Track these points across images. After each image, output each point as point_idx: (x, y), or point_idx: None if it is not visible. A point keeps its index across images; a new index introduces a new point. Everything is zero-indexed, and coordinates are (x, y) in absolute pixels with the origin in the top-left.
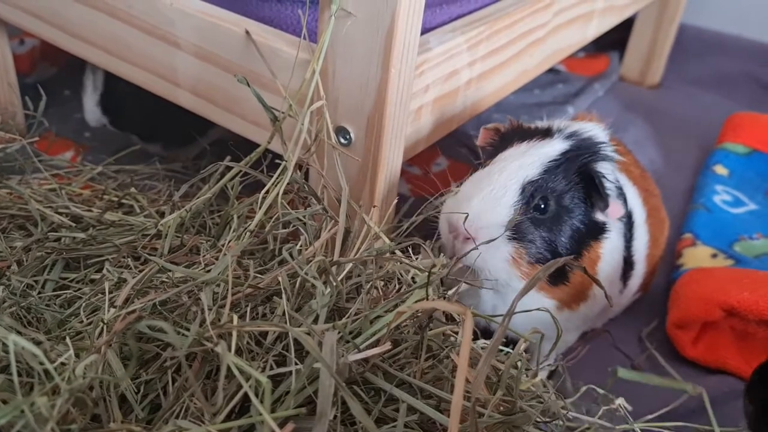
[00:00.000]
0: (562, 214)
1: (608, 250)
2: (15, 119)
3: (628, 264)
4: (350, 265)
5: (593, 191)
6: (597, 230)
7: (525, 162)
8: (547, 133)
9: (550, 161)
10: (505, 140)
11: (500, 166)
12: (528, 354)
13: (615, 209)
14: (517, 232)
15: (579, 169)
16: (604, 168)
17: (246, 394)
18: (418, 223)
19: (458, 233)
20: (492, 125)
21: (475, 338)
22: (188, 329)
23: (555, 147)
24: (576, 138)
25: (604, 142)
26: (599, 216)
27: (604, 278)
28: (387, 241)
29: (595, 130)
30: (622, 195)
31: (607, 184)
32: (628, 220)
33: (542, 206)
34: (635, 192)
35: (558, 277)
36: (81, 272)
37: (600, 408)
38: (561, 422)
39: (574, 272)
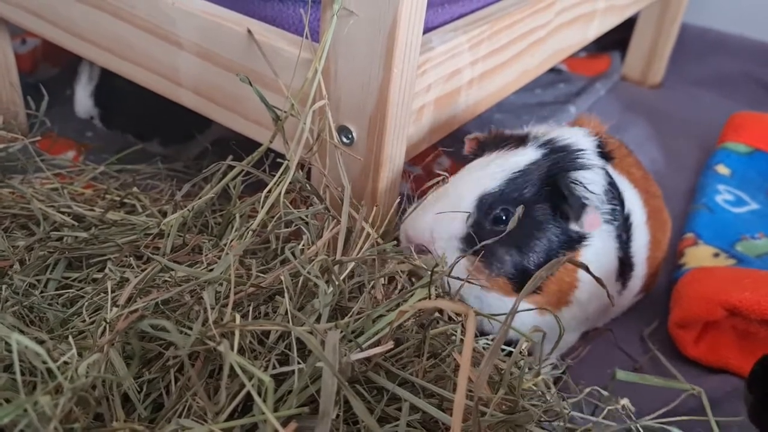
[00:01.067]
0: (529, 226)
1: (593, 257)
2: (17, 119)
3: (627, 265)
4: (352, 264)
5: (564, 203)
6: (573, 241)
7: (485, 173)
8: (522, 141)
9: (515, 171)
10: (482, 149)
11: (459, 177)
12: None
13: (592, 220)
14: (473, 246)
15: (549, 180)
16: (581, 177)
17: (249, 393)
18: None
19: (415, 246)
20: (473, 135)
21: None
22: (191, 328)
23: (524, 157)
24: (550, 146)
25: (582, 150)
26: (575, 227)
27: (588, 282)
28: (381, 240)
29: (576, 137)
30: (615, 197)
31: (584, 194)
32: (625, 222)
33: (503, 218)
34: (636, 194)
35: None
36: (83, 271)
37: (602, 408)
38: (563, 422)
39: (548, 281)
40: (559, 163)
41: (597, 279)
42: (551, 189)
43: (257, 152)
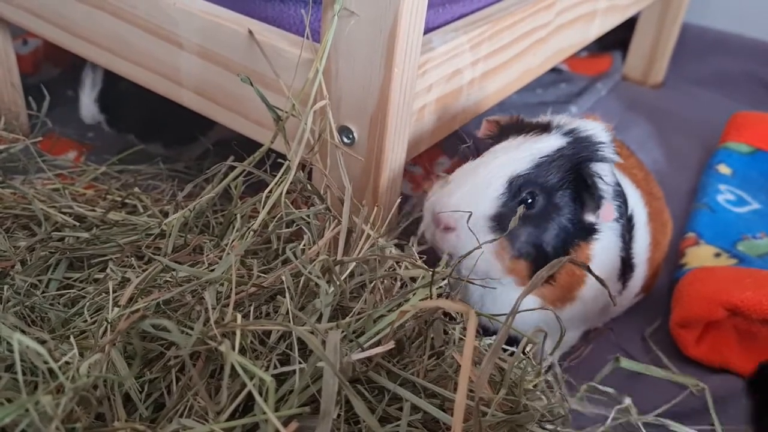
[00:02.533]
0: (550, 211)
1: (600, 252)
2: (18, 119)
3: (628, 266)
4: (353, 264)
5: (585, 192)
6: (587, 231)
7: (515, 156)
8: (545, 129)
9: (542, 156)
10: (503, 133)
11: (489, 158)
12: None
13: (607, 212)
14: (501, 225)
15: (573, 168)
16: (600, 169)
17: (250, 393)
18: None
19: (439, 222)
20: (493, 117)
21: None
22: (192, 328)
23: (550, 143)
24: (574, 135)
25: (603, 142)
26: (589, 217)
27: (594, 280)
28: (379, 240)
29: (596, 130)
30: (620, 196)
31: (602, 186)
32: (628, 223)
33: (529, 201)
34: (637, 194)
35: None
36: (85, 272)
37: (602, 407)
38: (564, 421)
39: (562, 272)
40: (583, 152)
41: (598, 278)
42: (574, 176)
43: (258, 152)
